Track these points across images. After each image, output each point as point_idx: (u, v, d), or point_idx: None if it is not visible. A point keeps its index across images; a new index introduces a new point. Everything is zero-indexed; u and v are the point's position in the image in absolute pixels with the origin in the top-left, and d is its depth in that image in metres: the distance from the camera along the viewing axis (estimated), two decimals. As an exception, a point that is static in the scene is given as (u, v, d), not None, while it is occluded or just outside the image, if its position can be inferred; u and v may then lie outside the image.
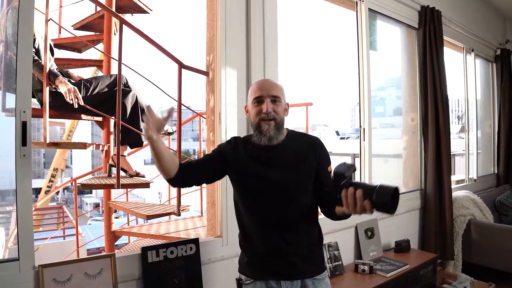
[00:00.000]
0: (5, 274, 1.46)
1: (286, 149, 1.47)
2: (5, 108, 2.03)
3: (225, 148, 1.54)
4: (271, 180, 1.45)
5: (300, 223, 1.47)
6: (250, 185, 1.48)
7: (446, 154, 3.42)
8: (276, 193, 1.45)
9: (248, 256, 1.53)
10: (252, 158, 1.48)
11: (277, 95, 1.45)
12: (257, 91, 1.46)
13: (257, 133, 1.44)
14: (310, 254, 1.50)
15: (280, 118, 1.45)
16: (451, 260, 3.37)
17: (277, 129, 1.44)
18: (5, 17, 1.94)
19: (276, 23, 2.30)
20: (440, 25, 3.54)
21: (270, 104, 1.43)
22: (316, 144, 1.52)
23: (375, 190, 1.15)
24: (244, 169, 1.48)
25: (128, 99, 2.38)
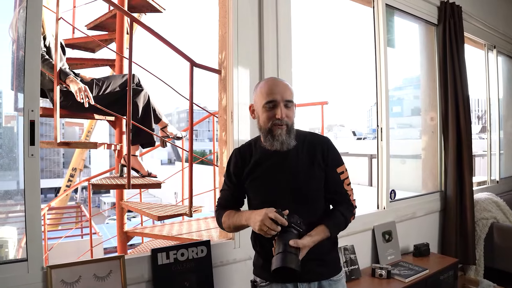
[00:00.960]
0: (14, 274, 1.45)
1: (294, 152, 1.43)
2: (18, 107, 2.03)
3: (233, 166, 1.52)
4: (283, 183, 1.42)
5: (315, 226, 1.42)
6: (262, 190, 1.45)
7: (467, 154, 3.30)
8: (288, 196, 1.41)
9: (263, 258, 1.49)
10: (262, 164, 1.45)
11: (290, 99, 1.41)
12: (269, 94, 1.39)
13: (269, 138, 1.40)
14: (326, 256, 1.47)
15: (291, 123, 1.42)
16: (473, 265, 3.24)
17: (289, 133, 1.40)
18: (17, 17, 1.94)
19: (289, 20, 2.24)
20: (460, 21, 3.42)
21: (284, 110, 1.39)
22: (324, 143, 1.47)
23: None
24: (257, 176, 1.46)
25: (140, 99, 2.37)
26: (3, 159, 2.40)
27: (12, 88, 2.02)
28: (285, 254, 1.21)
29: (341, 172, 1.47)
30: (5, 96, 11.63)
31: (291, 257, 1.21)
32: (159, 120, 2.52)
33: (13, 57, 2.08)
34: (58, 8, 1.95)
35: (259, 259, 1.52)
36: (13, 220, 5.58)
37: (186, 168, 2.57)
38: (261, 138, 1.47)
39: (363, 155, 11.85)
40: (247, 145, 1.55)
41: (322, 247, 1.43)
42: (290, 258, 1.20)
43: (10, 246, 2.10)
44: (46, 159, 36.23)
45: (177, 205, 2.96)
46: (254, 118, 1.49)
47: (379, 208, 2.90)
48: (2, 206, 6.63)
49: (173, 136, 2.60)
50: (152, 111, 2.41)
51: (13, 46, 2.05)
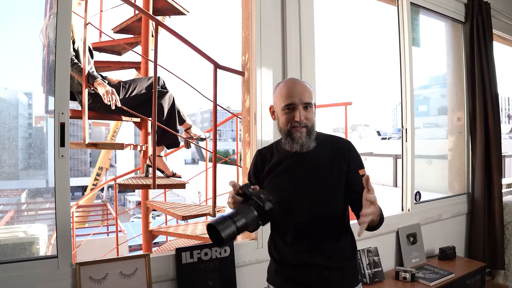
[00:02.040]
0: (45, 270, 1.51)
1: (315, 153, 1.40)
2: (48, 110, 2.11)
3: (253, 167, 1.53)
4: (300, 184, 1.40)
5: (333, 232, 1.40)
6: (278, 190, 1.41)
7: (496, 155, 3.20)
8: (305, 197, 1.39)
9: (278, 264, 1.48)
10: (281, 164, 1.44)
11: (309, 101, 1.39)
12: (288, 97, 1.38)
13: (289, 140, 1.39)
14: (344, 264, 1.42)
15: (311, 124, 1.40)
16: (502, 269, 3.14)
17: (308, 135, 1.38)
18: (47, 23, 2.01)
19: (312, 21, 2.24)
20: (489, 18, 3.32)
21: (303, 112, 1.37)
22: (346, 146, 1.44)
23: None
24: (275, 176, 1.44)
25: (165, 101, 2.41)
26: (33, 158, 2.48)
27: (44, 91, 2.10)
28: (224, 218, 1.12)
29: (363, 175, 1.37)
30: (35, 97, 11.85)
31: (227, 223, 1.11)
32: (183, 122, 2.57)
33: (43, 61, 2.16)
34: (86, 13, 2.02)
35: (273, 265, 1.50)
36: (42, 217, 5.78)
37: (210, 169, 2.60)
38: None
39: (388, 155, 11.63)
40: (269, 147, 1.55)
41: (343, 253, 1.41)
42: (224, 223, 1.10)
43: (41, 243, 2.18)
44: (74, 158, 37.25)
45: (201, 205, 3.00)
46: (274, 119, 1.48)
47: (403, 210, 2.85)
48: (32, 204, 6.87)
49: (196, 137, 2.64)
50: (176, 113, 2.45)
51: (43, 51, 2.13)
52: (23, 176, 8.21)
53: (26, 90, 13.15)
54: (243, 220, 1.13)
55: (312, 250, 1.38)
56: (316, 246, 1.38)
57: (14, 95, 13.20)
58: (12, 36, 2.53)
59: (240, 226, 1.12)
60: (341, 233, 1.42)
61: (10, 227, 3.40)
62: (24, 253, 2.01)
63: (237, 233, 1.12)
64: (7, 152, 2.24)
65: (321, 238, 1.38)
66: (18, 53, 10.90)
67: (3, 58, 2.36)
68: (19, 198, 6.99)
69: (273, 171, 1.45)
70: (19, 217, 6.57)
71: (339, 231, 1.42)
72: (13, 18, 2.24)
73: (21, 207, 7.02)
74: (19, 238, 2.11)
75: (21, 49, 6.70)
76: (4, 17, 2.20)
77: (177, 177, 2.49)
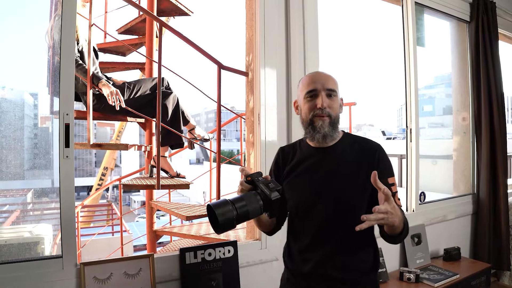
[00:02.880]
0: (50, 270, 1.52)
1: (340, 154, 1.31)
2: (53, 111, 2.12)
3: (273, 165, 1.45)
4: (320, 185, 1.28)
5: (352, 242, 1.27)
6: (297, 190, 1.33)
7: (502, 155, 3.18)
8: (325, 200, 1.27)
9: (290, 272, 1.38)
10: (303, 163, 1.35)
11: (333, 88, 1.29)
12: (310, 83, 1.30)
13: (310, 130, 1.29)
14: (361, 279, 1.28)
15: (335, 115, 1.30)
16: (507, 270, 3.12)
17: (332, 126, 1.28)
18: (53, 24, 2.02)
19: (316, 21, 2.24)
20: (494, 17, 3.30)
21: (326, 99, 1.27)
22: (376, 151, 1.30)
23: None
24: (295, 176, 1.35)
25: (169, 101, 2.42)
26: (39, 158, 2.50)
27: (49, 92, 2.11)
28: (225, 202, 1.06)
29: (392, 184, 1.27)
30: (41, 98, 12.00)
31: (227, 207, 1.05)
32: (187, 122, 2.57)
33: (49, 62, 2.18)
34: (91, 15, 2.03)
35: (285, 272, 1.42)
36: (48, 217, 5.80)
37: (214, 169, 2.60)
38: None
39: (393, 155, 11.60)
40: (292, 144, 1.46)
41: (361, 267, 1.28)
42: (224, 207, 1.05)
43: (46, 243, 2.19)
44: (79, 158, 37.47)
45: (205, 205, 3.01)
46: (297, 114, 1.38)
47: (408, 210, 2.84)
48: (38, 204, 6.91)
49: (200, 138, 2.65)
50: (181, 113, 2.46)
51: (49, 52, 2.15)
52: (29, 176, 8.27)
53: (32, 91, 13.22)
54: (246, 208, 1.07)
55: (326, 260, 1.27)
56: (330, 257, 1.27)
57: (20, 95, 13.27)
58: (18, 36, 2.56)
59: (241, 213, 1.06)
60: (360, 245, 1.29)
61: (16, 227, 3.43)
62: (29, 253, 2.03)
63: (236, 219, 1.06)
64: (13, 153, 2.25)
65: (336, 248, 1.27)
66: (24, 54, 10.94)
67: (9, 59, 2.38)
68: (24, 198, 7.03)
69: (293, 170, 1.36)
70: (24, 216, 6.61)
71: (358, 242, 1.28)
72: (18, 19, 2.25)
73: (27, 207, 7.06)
74: (24, 238, 2.13)
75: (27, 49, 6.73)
76: (10, 18, 2.21)
77: (181, 178, 2.50)
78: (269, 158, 2.01)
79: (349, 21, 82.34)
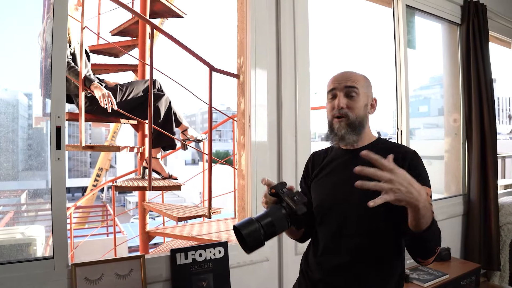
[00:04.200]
0: (41, 271, 1.53)
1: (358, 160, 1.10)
2: (46, 113, 2.13)
3: (304, 168, 1.41)
4: (341, 191, 1.20)
5: (367, 254, 1.15)
6: (319, 192, 1.27)
7: (492, 156, 3.22)
8: (340, 209, 1.19)
9: (303, 276, 1.31)
10: (330, 164, 1.29)
11: (353, 85, 1.20)
12: (330, 83, 1.24)
13: (329, 133, 1.24)
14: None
15: (354, 116, 1.19)
16: (497, 271, 3.16)
17: (351, 127, 1.19)
18: (45, 26, 2.04)
19: (307, 23, 2.26)
20: (485, 19, 3.34)
21: (343, 99, 1.19)
22: (407, 157, 1.16)
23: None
24: (321, 177, 1.29)
25: (161, 103, 2.44)
26: (33, 159, 2.51)
27: (41, 94, 2.12)
28: (251, 220, 1.03)
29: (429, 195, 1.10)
30: (35, 98, 11.89)
31: (252, 226, 1.01)
32: (180, 124, 2.59)
33: (41, 64, 2.19)
34: (83, 17, 2.04)
35: (300, 275, 1.35)
36: (42, 218, 5.77)
37: (207, 170, 2.62)
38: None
39: (388, 155, 11.62)
40: (326, 148, 1.38)
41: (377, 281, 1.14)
42: (250, 226, 1.01)
43: (38, 244, 2.20)
44: (74, 159, 37.29)
45: (197, 207, 3.03)
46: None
47: (399, 211, 2.86)
48: (32, 205, 6.88)
49: (193, 139, 2.67)
50: (173, 115, 2.48)
51: (41, 54, 2.16)
52: (23, 177, 8.24)
53: (26, 91, 13.17)
54: (272, 224, 1.03)
55: (339, 270, 1.18)
56: (343, 267, 1.17)
57: (14, 96, 13.21)
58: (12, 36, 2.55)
59: (268, 230, 1.03)
60: (378, 257, 1.16)
61: (8, 229, 3.43)
62: (21, 254, 2.04)
63: (264, 238, 1.02)
64: (7, 153, 2.25)
65: (350, 258, 1.16)
66: (18, 54, 10.88)
67: (3, 59, 2.38)
68: (18, 199, 7.01)
69: (321, 172, 1.30)
70: (18, 218, 6.59)
71: (375, 254, 1.16)
72: (12, 19, 2.26)
73: (21, 208, 7.04)
74: (16, 240, 2.14)
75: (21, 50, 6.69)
76: (4, 18, 2.22)
77: (173, 179, 2.52)
78: (259, 159, 2.04)
79: (341, 23, 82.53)
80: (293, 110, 2.16)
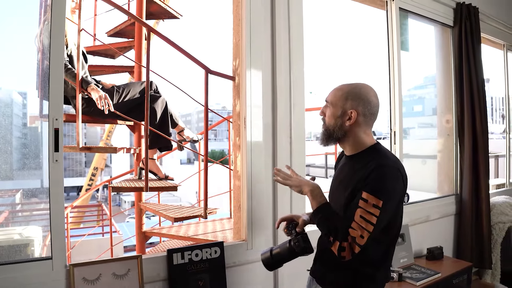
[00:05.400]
0: (40, 272, 1.55)
1: (351, 165, 1.40)
2: (42, 114, 2.15)
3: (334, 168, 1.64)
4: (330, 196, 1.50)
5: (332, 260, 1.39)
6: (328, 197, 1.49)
7: (484, 157, 3.27)
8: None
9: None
10: (336, 169, 1.56)
11: (327, 100, 1.42)
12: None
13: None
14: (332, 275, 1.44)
15: (327, 123, 1.41)
16: (489, 269, 3.22)
17: (324, 133, 1.42)
18: (42, 28, 2.05)
19: (301, 27, 2.29)
20: (477, 22, 3.39)
21: (323, 108, 1.44)
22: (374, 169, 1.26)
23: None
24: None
25: (158, 105, 2.46)
26: (28, 159, 2.51)
27: (38, 95, 2.14)
28: (267, 250, 1.48)
29: (364, 199, 1.23)
30: (30, 97, 11.77)
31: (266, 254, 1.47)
32: (176, 125, 2.61)
33: (38, 66, 2.21)
34: (80, 20, 2.06)
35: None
36: (37, 218, 5.76)
37: (203, 170, 2.65)
38: None
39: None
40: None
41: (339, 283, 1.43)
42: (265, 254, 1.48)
43: (36, 245, 2.22)
44: (69, 158, 37.11)
45: (193, 207, 3.05)
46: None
47: (392, 211, 2.90)
48: (27, 204, 6.86)
49: (189, 140, 2.69)
50: (169, 116, 2.50)
51: (38, 56, 2.17)
52: (18, 177, 8.21)
53: (21, 90, 13.13)
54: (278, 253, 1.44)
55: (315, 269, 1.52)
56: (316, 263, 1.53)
57: (8, 95, 13.19)
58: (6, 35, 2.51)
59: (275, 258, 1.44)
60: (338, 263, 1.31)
61: (5, 229, 3.44)
62: (19, 255, 2.05)
63: (271, 261, 1.45)
64: (1, 152, 2.27)
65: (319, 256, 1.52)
66: (12, 53, 10.85)
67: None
68: (13, 198, 6.99)
69: (334, 173, 1.56)
70: (13, 218, 6.57)
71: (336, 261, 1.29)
72: (7, 18, 2.27)
73: (16, 208, 7.02)
74: (14, 240, 2.15)
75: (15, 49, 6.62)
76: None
77: (169, 180, 2.54)
78: (255, 160, 2.07)
79: (335, 24, 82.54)
80: (288, 111, 2.19)
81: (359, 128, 1.37)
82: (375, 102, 1.39)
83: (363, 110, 1.36)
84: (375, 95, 1.40)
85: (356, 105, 1.35)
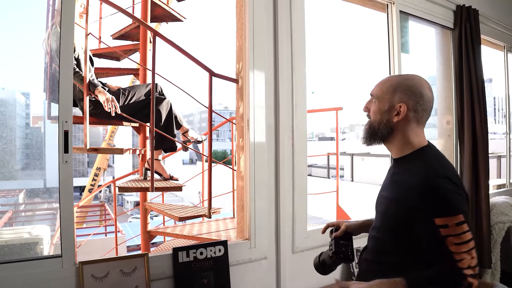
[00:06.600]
0: (50, 269, 1.60)
1: (399, 172, 1.23)
2: (50, 115, 2.20)
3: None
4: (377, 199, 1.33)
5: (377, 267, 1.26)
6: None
7: (483, 157, 3.31)
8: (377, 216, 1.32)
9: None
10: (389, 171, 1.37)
11: (373, 93, 1.26)
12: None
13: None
14: None
15: (372, 119, 1.25)
16: (488, 268, 3.25)
17: (369, 129, 1.26)
18: (50, 31, 2.10)
19: (303, 30, 2.33)
20: (477, 24, 3.42)
21: (367, 102, 1.27)
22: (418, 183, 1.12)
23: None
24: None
25: (163, 107, 2.51)
26: (31, 159, 2.57)
27: (46, 98, 2.19)
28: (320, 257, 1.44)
29: (443, 226, 1.05)
30: (33, 97, 11.84)
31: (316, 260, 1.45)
32: (180, 126, 2.66)
33: (45, 69, 2.26)
34: (87, 25, 2.11)
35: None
36: (40, 217, 5.82)
37: (206, 170, 2.69)
38: None
39: (385, 155, 11.72)
40: None
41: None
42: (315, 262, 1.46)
43: (45, 243, 2.27)
44: (72, 158, 37.08)
45: (197, 207, 3.10)
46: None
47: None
48: (30, 204, 6.92)
49: (194, 140, 2.74)
50: (174, 118, 2.55)
51: (46, 59, 2.22)
52: (21, 177, 8.28)
53: (24, 90, 13.21)
54: (322, 256, 1.43)
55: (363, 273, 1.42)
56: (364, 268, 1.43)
57: (11, 95, 13.27)
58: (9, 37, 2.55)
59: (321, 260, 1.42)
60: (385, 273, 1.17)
61: (15, 228, 3.50)
62: (29, 253, 2.11)
63: (319, 263, 1.43)
64: (4, 152, 2.32)
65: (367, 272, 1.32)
66: (16, 54, 10.88)
67: (0, 58, 2.46)
68: (16, 198, 7.05)
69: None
70: (17, 217, 6.63)
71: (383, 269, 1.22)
72: (10, 20, 2.32)
73: (19, 208, 7.08)
74: (25, 239, 2.21)
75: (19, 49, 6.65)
76: (1, 18, 2.29)
77: (174, 180, 2.59)
78: (258, 160, 2.11)
79: (337, 27, 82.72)
80: (290, 112, 2.23)
81: (408, 126, 1.21)
82: (429, 96, 1.21)
83: (414, 105, 1.18)
84: (429, 87, 1.21)
85: (406, 99, 1.18)
